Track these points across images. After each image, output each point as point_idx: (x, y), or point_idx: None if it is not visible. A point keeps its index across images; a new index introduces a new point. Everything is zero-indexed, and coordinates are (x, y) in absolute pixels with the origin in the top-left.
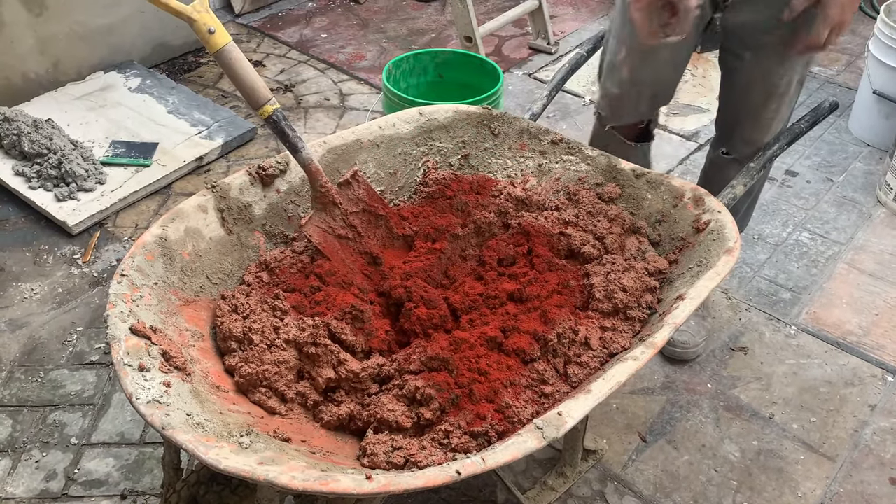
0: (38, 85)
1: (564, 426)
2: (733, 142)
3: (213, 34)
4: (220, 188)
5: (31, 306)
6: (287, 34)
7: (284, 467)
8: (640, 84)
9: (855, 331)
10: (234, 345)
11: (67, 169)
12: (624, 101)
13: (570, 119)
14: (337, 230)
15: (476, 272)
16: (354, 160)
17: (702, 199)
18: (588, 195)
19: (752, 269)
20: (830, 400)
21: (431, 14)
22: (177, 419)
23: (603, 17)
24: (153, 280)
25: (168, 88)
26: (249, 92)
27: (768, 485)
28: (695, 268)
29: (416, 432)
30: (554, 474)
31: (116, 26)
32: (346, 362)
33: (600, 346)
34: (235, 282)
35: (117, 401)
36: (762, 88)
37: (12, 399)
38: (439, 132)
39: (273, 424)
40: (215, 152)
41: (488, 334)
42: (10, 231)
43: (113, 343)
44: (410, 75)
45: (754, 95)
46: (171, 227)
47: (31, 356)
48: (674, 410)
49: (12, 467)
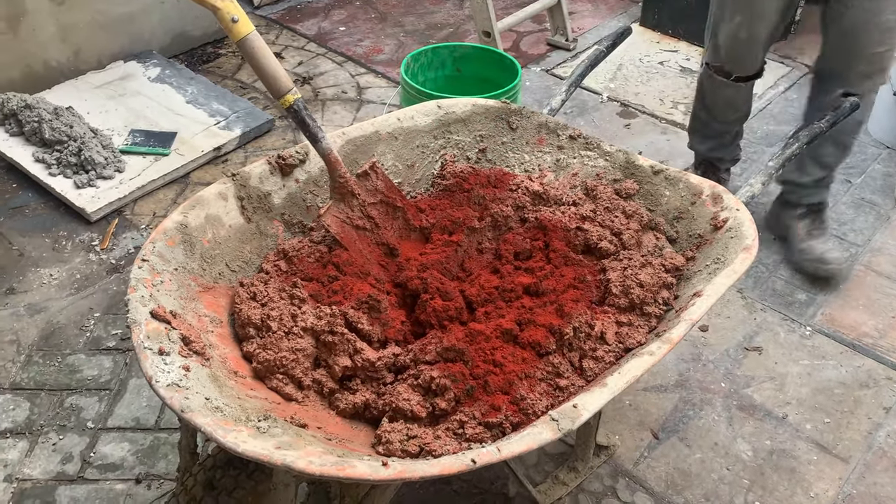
0: (58, 73)
1: (580, 418)
2: (851, 81)
3: (237, 23)
4: (241, 177)
5: (50, 291)
6: (305, 26)
7: (301, 452)
8: (757, 38)
9: (871, 333)
10: (252, 331)
11: (87, 156)
12: (745, 54)
13: (587, 115)
14: (355, 221)
15: (492, 265)
16: (373, 152)
17: (720, 196)
18: (606, 191)
19: (767, 269)
20: (845, 401)
21: (450, 8)
22: (196, 402)
23: (622, 13)
24: (173, 266)
25: (187, 78)
26: (271, 81)
27: (780, 484)
28: (712, 265)
29: (430, 422)
30: (566, 469)
31: (137, 16)
32: (362, 351)
33: (616, 341)
34: (254, 269)
35: (133, 386)
36: (874, 27)
37: (30, 382)
38: (457, 125)
39: (290, 410)
40: (233, 143)
41: (504, 327)
42: (30, 217)
43: (133, 326)
44: (428, 69)
45: (867, 35)
46: (191, 213)
47: (48, 340)
48: (687, 408)
49: (30, 449)
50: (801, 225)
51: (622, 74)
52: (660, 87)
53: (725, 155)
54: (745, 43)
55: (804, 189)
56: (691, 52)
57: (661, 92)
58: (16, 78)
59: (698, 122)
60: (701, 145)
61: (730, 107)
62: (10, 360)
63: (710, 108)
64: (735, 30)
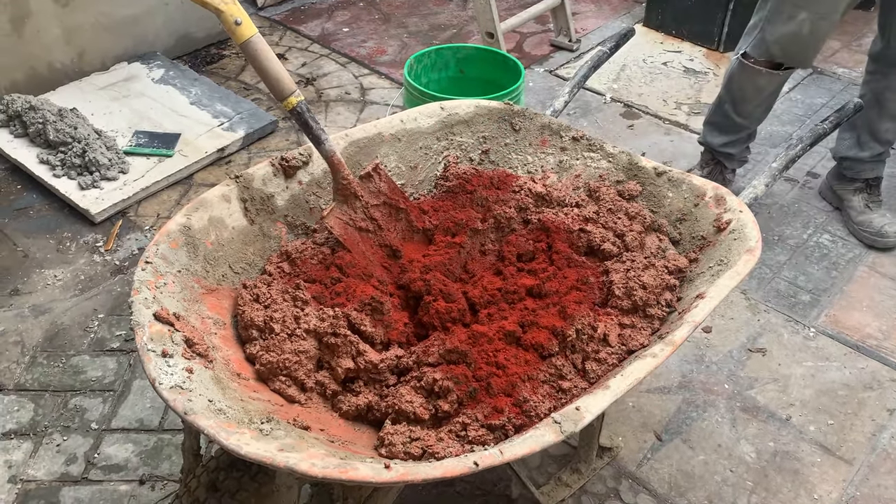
0: (63, 74)
1: (582, 421)
2: None
3: (240, 25)
4: (244, 178)
5: (54, 293)
6: (309, 28)
7: (304, 454)
8: (820, 35)
9: (875, 334)
10: (256, 333)
11: (91, 158)
12: (803, 50)
13: (590, 116)
14: (358, 222)
15: (495, 267)
16: (376, 153)
17: (723, 198)
18: (608, 192)
19: (771, 271)
20: (848, 403)
21: (453, 9)
22: (199, 405)
23: (625, 14)
24: (177, 268)
25: (191, 80)
26: (274, 83)
27: (784, 486)
28: (715, 267)
29: (433, 424)
30: (569, 470)
31: (141, 17)
32: (365, 353)
33: (619, 343)
34: (257, 271)
35: (137, 387)
36: None
37: (34, 383)
38: (460, 127)
39: (292, 412)
40: (237, 144)
41: (507, 328)
42: (35, 218)
43: (137, 329)
44: (432, 70)
45: None
46: (195, 215)
47: (53, 342)
48: (690, 410)
49: (34, 450)
50: (859, 199)
51: (625, 75)
52: (663, 88)
53: (736, 153)
54: (807, 38)
55: (862, 164)
56: (695, 52)
57: (664, 93)
58: (20, 79)
59: (719, 115)
60: (715, 139)
61: (759, 97)
62: (14, 362)
63: (736, 100)
64: (797, 27)
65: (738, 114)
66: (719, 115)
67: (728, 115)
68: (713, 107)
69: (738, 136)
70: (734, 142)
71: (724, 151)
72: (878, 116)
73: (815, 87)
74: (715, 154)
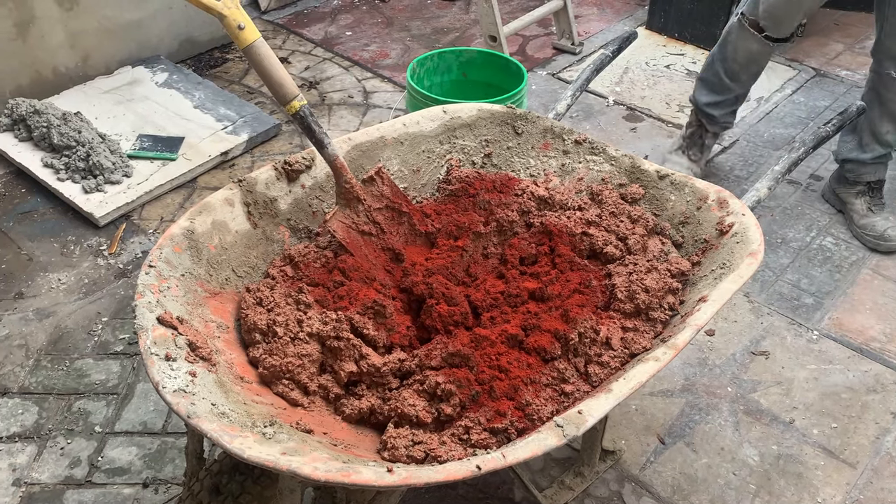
0: (67, 78)
1: (585, 424)
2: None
3: (243, 30)
4: (247, 182)
5: (58, 296)
6: (312, 31)
7: (307, 458)
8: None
9: (878, 337)
10: (259, 337)
11: (95, 161)
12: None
13: (593, 119)
14: (360, 226)
15: (498, 270)
16: (379, 157)
17: (726, 201)
18: (611, 195)
19: (774, 273)
20: (852, 406)
21: (456, 13)
22: (202, 408)
23: (628, 17)
24: (180, 271)
25: (194, 83)
26: (277, 88)
27: (787, 490)
28: (718, 270)
29: (436, 427)
30: (572, 474)
31: (144, 22)
32: (367, 356)
33: (621, 347)
34: (260, 275)
35: (140, 391)
36: None
37: (38, 387)
38: (463, 130)
39: (295, 416)
40: (240, 147)
41: (509, 332)
42: (39, 222)
43: (140, 332)
44: (434, 74)
45: None
46: (198, 219)
47: (57, 345)
48: (693, 413)
49: (38, 453)
50: (861, 202)
51: (628, 78)
52: (666, 91)
53: (719, 115)
54: (786, 6)
55: (864, 166)
56: (698, 55)
57: (667, 95)
58: (24, 84)
59: (710, 72)
60: (703, 97)
61: (749, 62)
62: (18, 365)
63: (727, 59)
64: None
65: (728, 74)
66: (710, 72)
67: (718, 75)
68: (706, 63)
69: (723, 97)
70: (719, 103)
71: (707, 112)
72: (879, 117)
73: (818, 90)
74: (699, 114)
